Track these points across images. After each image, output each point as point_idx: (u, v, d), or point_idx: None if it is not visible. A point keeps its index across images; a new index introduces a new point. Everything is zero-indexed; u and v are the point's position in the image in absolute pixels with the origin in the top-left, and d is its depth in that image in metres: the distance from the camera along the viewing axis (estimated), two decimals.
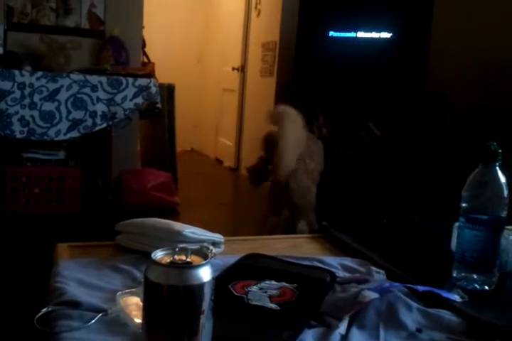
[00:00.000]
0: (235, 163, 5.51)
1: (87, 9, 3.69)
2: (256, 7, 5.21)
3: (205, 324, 0.64)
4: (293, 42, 3.97)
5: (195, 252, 0.67)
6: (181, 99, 4.49)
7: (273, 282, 0.94)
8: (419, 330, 0.82)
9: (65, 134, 3.00)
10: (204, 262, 0.64)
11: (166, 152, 4.09)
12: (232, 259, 1.06)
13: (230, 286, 0.91)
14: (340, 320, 0.83)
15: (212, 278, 0.65)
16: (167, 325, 0.63)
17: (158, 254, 0.66)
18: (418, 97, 3.67)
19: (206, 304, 0.64)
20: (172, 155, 4.10)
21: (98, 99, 3.06)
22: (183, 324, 0.63)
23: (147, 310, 0.64)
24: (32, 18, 3.61)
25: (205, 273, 0.64)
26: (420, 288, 0.92)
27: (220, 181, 5.22)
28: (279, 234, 2.22)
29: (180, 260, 0.65)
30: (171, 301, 0.62)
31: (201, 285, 0.63)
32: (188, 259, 0.65)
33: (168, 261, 0.65)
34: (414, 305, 0.87)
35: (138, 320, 0.77)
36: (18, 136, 2.93)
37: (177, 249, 0.67)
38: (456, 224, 1.06)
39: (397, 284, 0.93)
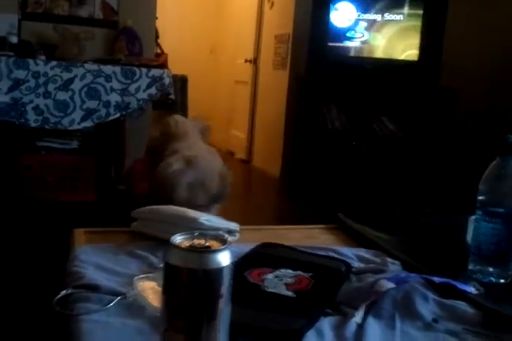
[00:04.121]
0: (247, 155, 5.51)
1: None
2: None
3: (224, 308, 0.64)
4: (306, 35, 3.96)
5: (213, 237, 0.67)
6: (193, 91, 4.49)
7: (289, 270, 0.94)
8: (435, 321, 0.82)
9: (78, 123, 3.01)
10: (223, 247, 0.64)
11: None
12: (246, 248, 1.06)
13: (245, 274, 0.91)
14: (356, 309, 0.83)
15: (231, 263, 0.65)
16: (186, 308, 0.63)
17: (178, 239, 0.66)
18: (432, 92, 3.65)
19: (225, 288, 0.64)
20: None
21: (112, 89, 3.07)
22: (202, 307, 0.63)
23: (167, 294, 0.64)
24: (46, 8, 3.62)
25: (224, 258, 0.64)
26: (436, 279, 0.92)
27: (232, 172, 5.22)
28: None
29: (199, 244, 0.65)
30: (190, 285, 0.62)
31: (220, 270, 0.63)
32: (207, 244, 0.66)
33: (188, 245, 0.65)
34: (431, 295, 0.87)
35: (155, 304, 0.77)
36: (33, 124, 2.95)
37: (196, 234, 0.67)
38: (472, 217, 1.06)
39: (413, 275, 0.92)
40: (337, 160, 3.61)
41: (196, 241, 0.65)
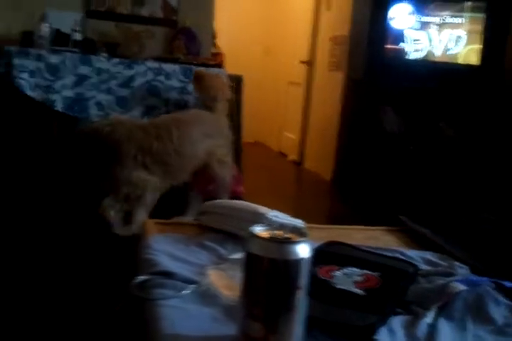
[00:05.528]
0: (299, 156, 5.50)
1: None
2: (326, 0, 5.17)
3: (301, 300, 0.65)
4: (363, 37, 3.92)
5: (292, 230, 0.68)
6: (246, 91, 4.51)
7: (355, 269, 0.94)
8: None
9: None
10: (303, 239, 0.65)
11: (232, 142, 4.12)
12: (312, 245, 1.06)
13: (314, 269, 0.91)
14: (426, 309, 0.82)
15: (310, 256, 0.66)
16: (265, 297, 0.64)
17: (258, 229, 0.67)
18: (494, 97, 3.55)
19: (303, 280, 0.65)
20: (238, 146, 4.13)
21: (171, 87, 3.12)
22: (280, 298, 0.64)
23: (247, 283, 0.65)
24: (109, 7, 3.71)
25: (303, 250, 0.65)
26: (507, 283, 0.90)
27: (284, 174, 5.24)
28: None
29: (279, 235, 0.66)
30: (270, 274, 0.63)
31: (299, 261, 0.64)
32: (286, 235, 0.66)
33: (268, 235, 0.66)
34: (503, 300, 0.85)
35: (227, 294, 0.79)
36: (94, 119, 3.03)
37: (275, 226, 0.68)
38: None
39: (484, 278, 0.91)
40: (392, 164, 3.56)
41: (276, 233, 0.67)
